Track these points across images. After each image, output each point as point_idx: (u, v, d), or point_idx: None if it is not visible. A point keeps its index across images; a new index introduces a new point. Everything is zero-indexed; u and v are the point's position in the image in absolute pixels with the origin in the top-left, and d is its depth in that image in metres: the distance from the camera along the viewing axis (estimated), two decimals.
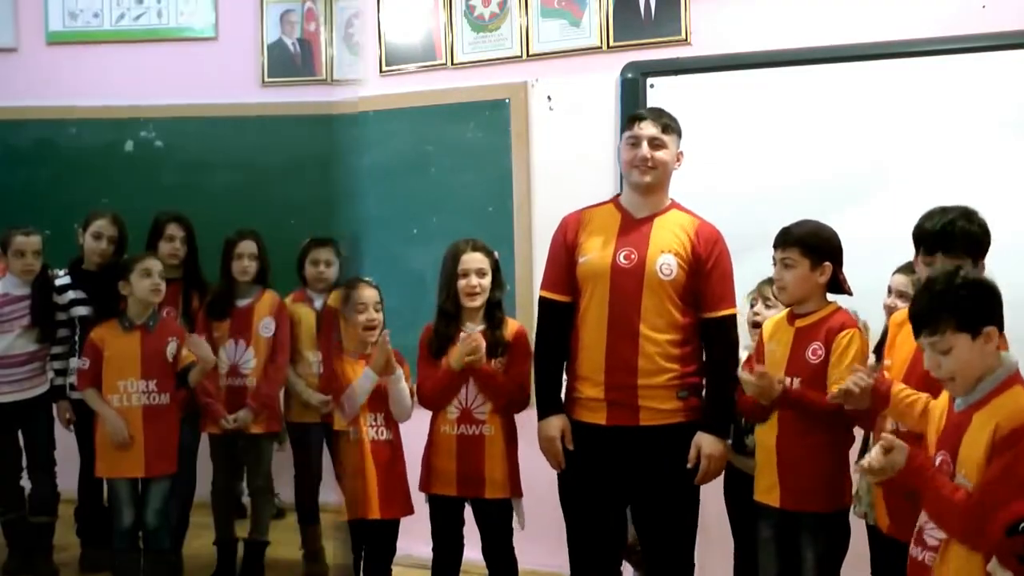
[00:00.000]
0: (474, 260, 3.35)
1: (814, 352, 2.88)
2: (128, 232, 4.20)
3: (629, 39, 4.35)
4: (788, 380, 2.86)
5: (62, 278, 4.15)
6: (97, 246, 4.10)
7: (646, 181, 2.98)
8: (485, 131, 4.59)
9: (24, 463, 4.11)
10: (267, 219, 4.77)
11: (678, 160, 3.05)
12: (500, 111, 4.56)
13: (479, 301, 3.34)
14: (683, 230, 2.95)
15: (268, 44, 5.33)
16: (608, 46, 4.41)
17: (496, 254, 3.46)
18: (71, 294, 4.11)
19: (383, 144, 4.77)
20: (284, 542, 4.34)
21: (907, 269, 2.97)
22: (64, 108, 5.35)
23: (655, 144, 2.97)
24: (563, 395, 3.09)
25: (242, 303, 4.09)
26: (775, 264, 2.97)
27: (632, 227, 2.97)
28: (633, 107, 4.07)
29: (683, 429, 2.90)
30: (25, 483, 4.15)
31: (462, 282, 3.32)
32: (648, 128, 2.99)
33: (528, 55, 4.57)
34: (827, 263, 2.90)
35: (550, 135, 4.48)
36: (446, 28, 4.67)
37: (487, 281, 3.35)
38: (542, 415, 3.08)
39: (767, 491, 2.92)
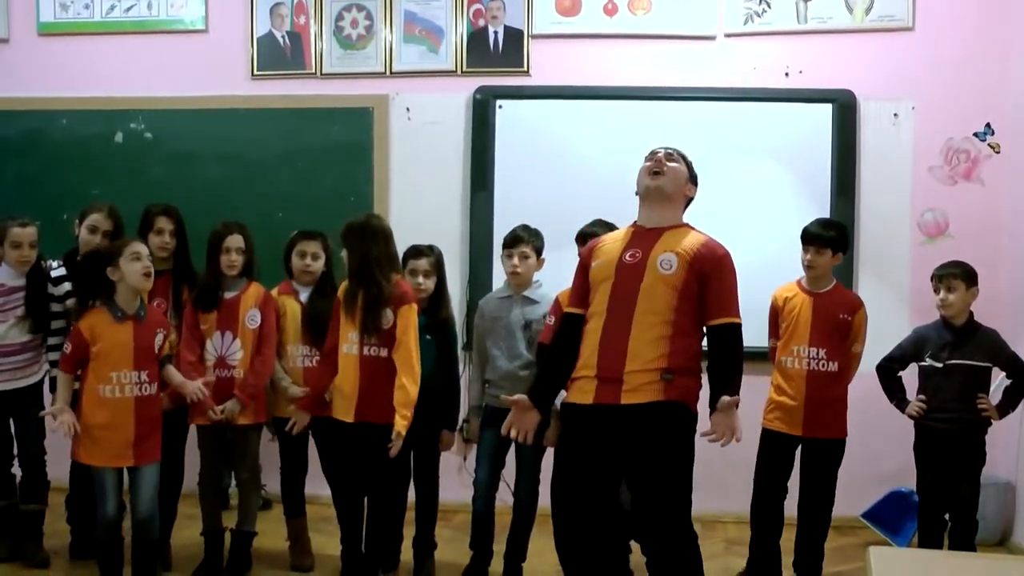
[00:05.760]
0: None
1: None
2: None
3: (480, 66, 5.24)
4: None
5: (57, 269, 4.18)
6: (92, 239, 4.10)
7: (656, 184, 3.14)
8: (350, 134, 5.28)
9: (15, 451, 4.17)
10: (255, 211, 4.85)
11: (689, 190, 3.22)
12: (364, 118, 5.27)
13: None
14: (690, 242, 3.08)
15: (258, 37, 5.38)
16: (462, 71, 5.27)
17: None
18: (67, 285, 4.14)
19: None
20: (271, 533, 4.41)
21: None
22: (55, 99, 5.39)
23: (670, 157, 3.18)
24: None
25: (229, 295, 4.10)
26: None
27: (642, 235, 3.14)
28: (483, 122, 5.19)
29: (661, 406, 2.98)
30: (16, 471, 4.20)
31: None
32: (664, 150, 3.22)
33: (391, 72, 5.26)
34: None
35: (408, 141, 5.27)
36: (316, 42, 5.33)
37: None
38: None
39: None
